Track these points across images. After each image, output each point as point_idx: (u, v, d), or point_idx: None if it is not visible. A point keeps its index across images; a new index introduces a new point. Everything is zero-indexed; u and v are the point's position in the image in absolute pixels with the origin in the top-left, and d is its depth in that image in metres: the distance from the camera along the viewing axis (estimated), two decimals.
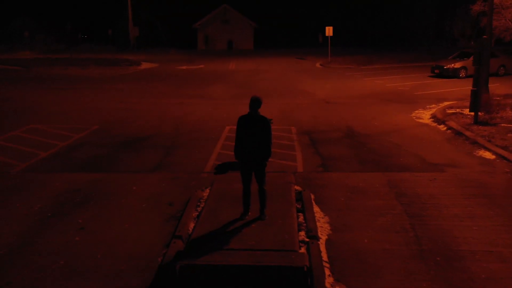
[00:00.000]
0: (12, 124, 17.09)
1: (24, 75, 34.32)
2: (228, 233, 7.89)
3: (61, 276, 7.24)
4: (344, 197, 10.01)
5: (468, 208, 9.42)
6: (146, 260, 7.66)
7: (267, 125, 8.40)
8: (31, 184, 10.85)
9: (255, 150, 8.32)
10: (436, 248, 7.99)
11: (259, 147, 8.31)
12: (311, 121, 17.78)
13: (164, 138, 15.24)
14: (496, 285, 7.00)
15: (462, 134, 14.94)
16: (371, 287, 6.95)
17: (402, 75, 31.89)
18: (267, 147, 8.36)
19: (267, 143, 8.35)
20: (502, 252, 7.89)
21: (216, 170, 11.64)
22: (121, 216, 9.26)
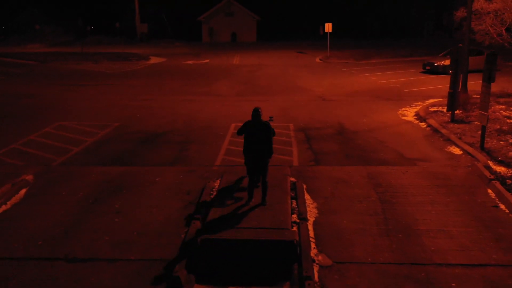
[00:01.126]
0: (42, 121, 19.27)
1: (41, 70, 36.49)
2: (236, 215, 10.08)
3: (109, 249, 9.49)
4: (331, 187, 12.19)
5: (430, 196, 11.60)
6: (172, 237, 9.88)
7: (269, 130, 10.54)
8: (72, 175, 13.06)
9: (260, 149, 10.44)
10: (399, 227, 10.19)
11: (263, 148, 10.45)
12: (307, 118, 19.90)
13: (178, 135, 17.41)
14: (440, 255, 9.20)
15: (439, 132, 17.10)
16: (345, 255, 9.17)
17: (395, 71, 33.88)
18: (269, 147, 10.51)
19: (269, 144, 10.50)
20: (451, 230, 10.09)
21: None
22: (148, 202, 11.47)
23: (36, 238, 9.94)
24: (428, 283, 8.37)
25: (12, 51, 51.63)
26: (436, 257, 9.14)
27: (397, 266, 8.87)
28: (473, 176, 12.73)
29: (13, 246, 9.62)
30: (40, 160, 14.43)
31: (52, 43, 65.17)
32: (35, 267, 8.96)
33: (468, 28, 18.14)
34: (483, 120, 14.49)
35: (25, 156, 14.80)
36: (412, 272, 8.69)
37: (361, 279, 8.49)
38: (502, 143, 15.49)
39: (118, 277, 8.58)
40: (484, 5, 22.33)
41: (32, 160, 14.46)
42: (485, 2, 22.41)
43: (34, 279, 8.60)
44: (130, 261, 9.10)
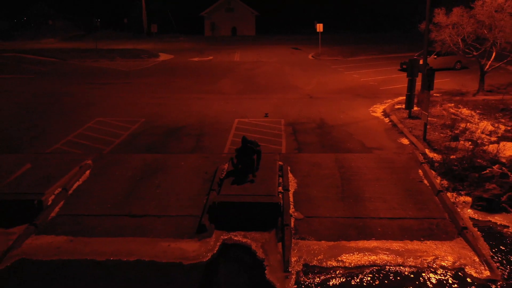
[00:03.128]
0: (83, 117, 24.02)
1: (64, 68, 41.15)
2: (240, 187, 14.89)
3: (156, 209, 14.33)
4: (307, 169, 16.99)
5: (376, 175, 16.42)
6: (197, 201, 14.72)
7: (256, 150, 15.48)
8: (119, 160, 17.86)
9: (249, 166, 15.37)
10: (351, 195, 15.03)
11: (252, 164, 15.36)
12: (296, 114, 24.65)
13: (193, 129, 22.19)
14: (375, 212, 14.03)
15: (396, 126, 21.90)
16: (312, 213, 14.02)
17: (377, 68, 38.59)
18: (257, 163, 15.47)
19: (257, 161, 15.45)
20: (386, 197, 14.94)
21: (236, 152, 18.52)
22: (178, 180, 16.29)
23: (105, 202, 14.79)
24: (364, 228, 13.25)
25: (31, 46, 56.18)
26: (372, 213, 14.00)
27: (345, 219, 13.74)
28: (411, 161, 17.56)
29: (92, 207, 14.49)
30: (92, 149, 19.20)
31: (64, 37, 69.61)
32: (109, 220, 13.83)
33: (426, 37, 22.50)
34: (424, 118, 19.29)
35: (80, 147, 19.59)
36: (354, 222, 13.57)
37: (320, 226, 13.37)
38: (442, 135, 20.30)
39: (166, 225, 13.47)
40: (443, 19, 26.93)
41: (86, 149, 19.24)
42: (444, 17, 27.00)
43: (110, 228, 13.48)
44: (171, 216, 13.97)
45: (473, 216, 14.23)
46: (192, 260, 11.99)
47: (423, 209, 14.27)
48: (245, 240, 12.91)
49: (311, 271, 11.45)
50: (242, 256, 12.30)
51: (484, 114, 23.62)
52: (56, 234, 13.19)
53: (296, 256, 11.99)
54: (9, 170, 16.41)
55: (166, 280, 11.35)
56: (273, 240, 12.85)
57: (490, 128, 21.42)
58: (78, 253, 12.32)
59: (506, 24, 25.25)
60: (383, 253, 12.14)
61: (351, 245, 12.51)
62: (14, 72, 39.20)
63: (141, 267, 11.76)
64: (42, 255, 12.29)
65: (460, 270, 11.47)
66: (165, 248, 12.48)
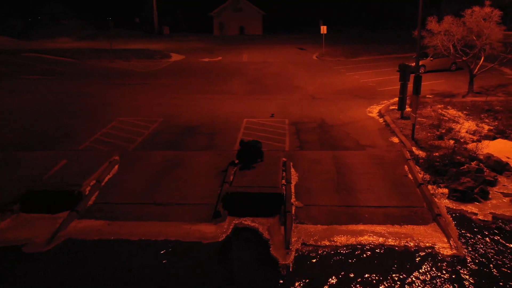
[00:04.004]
0: (106, 116, 26.54)
1: (81, 68, 43.68)
2: (249, 179, 17.39)
3: (178, 198, 16.87)
4: (307, 164, 19.44)
5: (367, 170, 18.86)
6: (213, 191, 17.22)
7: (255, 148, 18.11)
8: (143, 157, 20.39)
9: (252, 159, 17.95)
10: (345, 188, 17.48)
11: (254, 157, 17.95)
12: (299, 114, 27.07)
13: (206, 128, 24.68)
14: (364, 201, 16.48)
15: (389, 126, 24.30)
16: (310, 202, 16.49)
17: (377, 69, 40.85)
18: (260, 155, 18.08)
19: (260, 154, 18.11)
20: (374, 189, 17.38)
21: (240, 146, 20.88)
22: (195, 173, 18.79)
23: (133, 192, 17.33)
24: (353, 215, 15.71)
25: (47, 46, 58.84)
26: (361, 202, 16.46)
27: (338, 207, 16.20)
28: (398, 157, 19.98)
29: (123, 197, 17.04)
30: (118, 147, 21.73)
31: (78, 36, 72.05)
32: (139, 208, 16.38)
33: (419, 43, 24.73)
34: (413, 119, 21.70)
35: (107, 144, 22.15)
36: (346, 210, 16.03)
37: (317, 213, 15.85)
38: (429, 134, 22.69)
39: (187, 212, 16.00)
40: (435, 26, 29.21)
41: (113, 146, 21.79)
42: (436, 24, 29.28)
43: (139, 214, 16.03)
44: (191, 204, 16.50)
45: (448, 205, 16.66)
46: (210, 240, 14.52)
47: (405, 199, 16.72)
48: (253, 224, 15.42)
49: (308, 249, 13.94)
50: (250, 237, 14.81)
51: (471, 114, 25.95)
52: (95, 219, 15.77)
53: (296, 237, 14.49)
54: (48, 166, 18.98)
55: (189, 256, 13.88)
56: (277, 224, 15.35)
57: (474, 128, 23.79)
58: (115, 234, 14.88)
59: (492, 32, 27.52)
60: (368, 234, 14.62)
61: (342, 228, 14.99)
62: (35, 72, 41.77)
63: (168, 246, 14.30)
64: (85, 235, 14.87)
65: (430, 249, 13.92)
66: (187, 230, 15.02)
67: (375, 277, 12.63)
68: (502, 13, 28.15)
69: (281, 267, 13.20)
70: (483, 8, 28.27)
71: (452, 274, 12.77)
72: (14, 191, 17.13)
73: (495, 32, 27.58)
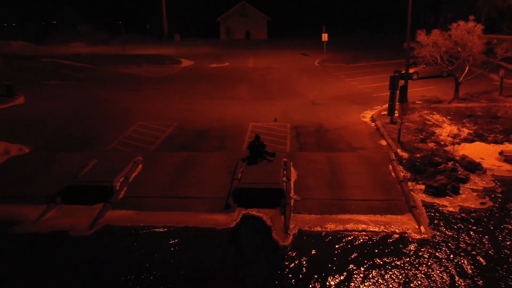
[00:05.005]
0: (127, 121, 29.64)
1: (99, 74, 46.93)
2: (255, 177, 20.45)
3: (195, 193, 19.95)
4: (305, 164, 22.46)
5: (357, 169, 21.86)
6: (224, 187, 20.28)
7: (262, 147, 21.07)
8: (162, 157, 23.48)
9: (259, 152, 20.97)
10: (336, 184, 20.50)
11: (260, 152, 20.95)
12: (300, 119, 30.08)
13: (217, 131, 27.73)
14: (352, 196, 19.49)
15: (379, 130, 27.29)
16: (307, 196, 19.53)
17: (374, 75, 43.82)
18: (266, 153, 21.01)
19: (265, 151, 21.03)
20: (362, 185, 20.38)
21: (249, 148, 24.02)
22: (208, 171, 21.85)
23: (157, 187, 20.42)
24: (342, 206, 18.74)
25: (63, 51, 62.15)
26: (350, 196, 19.48)
27: (330, 200, 19.23)
28: (384, 158, 22.99)
29: (148, 191, 20.15)
30: (140, 148, 24.85)
31: (91, 41, 75.48)
32: (162, 200, 19.47)
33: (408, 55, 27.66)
34: (398, 124, 24.71)
35: (130, 146, 25.26)
36: (336, 202, 19.06)
37: (312, 205, 18.88)
38: (414, 138, 25.66)
39: (202, 204, 19.09)
40: (424, 39, 32.19)
41: (135, 148, 24.90)
42: (424, 37, 32.25)
43: (163, 205, 19.12)
44: (206, 198, 19.58)
45: (424, 199, 19.63)
46: (223, 226, 17.60)
47: (387, 194, 19.74)
48: (258, 214, 18.47)
49: (303, 234, 16.99)
50: (256, 224, 17.87)
51: (454, 119, 28.91)
52: (126, 209, 18.89)
53: (293, 224, 17.54)
54: (81, 164, 22.11)
55: (205, 239, 16.95)
56: (278, 214, 18.39)
57: (455, 132, 26.75)
58: (144, 222, 17.97)
59: (474, 45, 30.49)
60: (354, 222, 17.65)
61: (332, 217, 18.02)
62: (55, 78, 45.04)
63: (188, 231, 17.38)
64: (119, 222, 17.98)
65: (404, 233, 16.93)
66: (204, 218, 18.11)
67: (357, 256, 15.65)
68: (483, 27, 31.09)
69: (281, 248, 16.23)
70: (467, 23, 31.23)
71: (420, 253, 15.78)
72: (55, 186, 20.28)
73: (477, 45, 30.53)
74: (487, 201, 19.36)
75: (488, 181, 21.33)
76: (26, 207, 19.08)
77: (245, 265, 15.59)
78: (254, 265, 15.53)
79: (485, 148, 25.07)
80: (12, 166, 22.74)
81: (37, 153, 24.17)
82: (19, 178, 21.49)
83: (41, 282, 14.64)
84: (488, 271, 14.73)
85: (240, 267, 15.52)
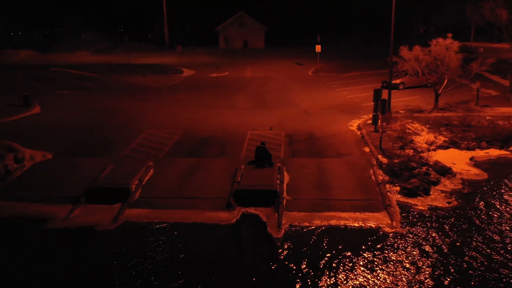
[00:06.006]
0: (136, 129, 32.67)
1: (105, 84, 50.01)
2: (253, 180, 23.51)
3: (200, 193, 23.04)
4: (297, 168, 25.51)
5: (342, 173, 24.94)
6: (226, 188, 23.34)
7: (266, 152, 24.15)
8: (171, 163, 26.51)
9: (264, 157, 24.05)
10: (323, 186, 23.60)
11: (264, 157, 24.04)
12: (293, 127, 33.17)
13: (219, 138, 30.79)
14: (337, 196, 22.59)
15: (364, 138, 30.40)
16: (297, 196, 22.61)
17: (364, 85, 46.84)
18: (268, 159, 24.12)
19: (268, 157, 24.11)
20: (346, 187, 23.47)
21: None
22: (212, 175, 24.91)
23: (167, 189, 23.48)
24: (328, 205, 21.82)
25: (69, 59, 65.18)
26: (335, 197, 22.55)
27: (317, 200, 22.30)
28: (367, 163, 26.09)
29: (160, 193, 23.20)
30: (150, 155, 27.90)
31: (95, 50, 78.52)
32: (171, 200, 22.54)
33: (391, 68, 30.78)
34: (380, 133, 27.83)
35: (141, 153, 28.32)
36: (323, 202, 22.13)
37: (302, 204, 21.95)
38: (394, 145, 28.76)
39: (207, 203, 22.16)
40: (406, 53, 35.38)
41: (146, 154, 27.95)
42: (407, 52, 35.44)
43: (173, 204, 22.18)
44: (210, 198, 22.65)
45: (399, 199, 22.71)
46: (225, 222, 20.67)
47: (367, 194, 22.83)
48: (256, 211, 21.54)
49: (293, 228, 20.06)
50: (253, 220, 20.95)
51: (432, 128, 32.06)
52: (142, 208, 21.93)
53: (285, 220, 20.61)
54: (99, 169, 25.14)
55: (210, 233, 20.01)
56: (272, 212, 21.45)
57: (432, 139, 29.89)
58: (158, 218, 21.02)
59: (451, 60, 33.70)
60: (336, 219, 20.73)
61: (318, 214, 21.09)
62: (66, 87, 48.11)
63: (196, 226, 20.44)
64: (137, 219, 21.03)
65: (379, 228, 20.02)
66: (208, 216, 21.18)
67: (339, 246, 18.71)
68: (460, 44, 34.32)
69: (274, 240, 19.30)
70: (445, 40, 34.44)
71: (391, 243, 18.86)
72: (78, 188, 23.33)
73: (453, 60, 33.74)
74: (453, 201, 22.48)
75: (457, 183, 24.43)
76: (54, 206, 22.12)
77: (244, 254, 18.67)
78: (251, 254, 18.61)
79: (458, 154, 28.21)
80: (38, 170, 25.79)
81: (59, 159, 27.22)
82: (45, 181, 24.52)
83: (74, 266, 17.67)
84: (449, 257, 17.82)
85: (240, 255, 18.60)
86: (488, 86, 44.63)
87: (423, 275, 16.73)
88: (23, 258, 18.30)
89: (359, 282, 16.36)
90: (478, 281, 16.36)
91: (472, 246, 18.55)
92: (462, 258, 17.76)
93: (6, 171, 25.14)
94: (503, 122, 32.89)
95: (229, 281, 16.78)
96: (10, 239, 19.82)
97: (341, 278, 16.61)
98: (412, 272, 16.88)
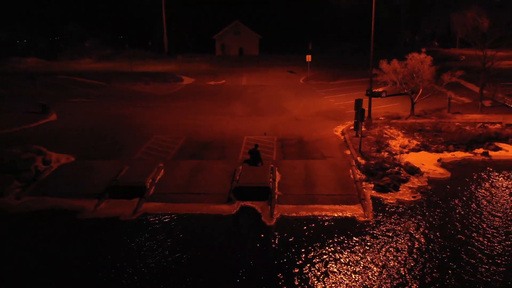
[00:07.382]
0: (144, 134, 36.77)
1: (110, 91, 54.08)
2: (249, 178, 27.67)
3: (205, 189, 27.22)
4: (288, 169, 29.68)
5: (326, 173, 29.10)
6: (226, 186, 27.49)
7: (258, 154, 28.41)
8: (178, 165, 30.63)
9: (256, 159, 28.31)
10: (309, 184, 27.79)
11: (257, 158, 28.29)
12: (285, 132, 37.36)
13: (219, 143, 34.95)
14: (320, 191, 26.83)
15: (346, 142, 34.66)
16: (287, 192, 26.81)
17: (350, 93, 51.23)
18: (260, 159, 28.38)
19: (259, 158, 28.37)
20: (328, 184, 27.71)
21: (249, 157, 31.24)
22: (214, 175, 29.05)
23: (177, 186, 27.60)
24: (312, 199, 26.03)
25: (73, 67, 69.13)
26: (318, 192, 26.75)
27: (304, 195, 26.50)
28: (347, 164, 30.32)
29: (170, 189, 27.34)
30: (160, 157, 32.00)
31: (98, 57, 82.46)
32: (180, 195, 26.68)
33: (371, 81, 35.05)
34: (359, 138, 32.09)
35: (151, 156, 32.42)
36: (308, 196, 26.34)
37: (291, 198, 26.14)
38: (372, 148, 33.00)
39: (211, 198, 26.32)
40: (386, 66, 39.70)
41: (156, 157, 32.06)
42: (387, 65, 39.75)
43: (182, 199, 26.35)
44: (213, 194, 26.80)
45: (372, 194, 26.93)
46: (227, 213, 24.84)
47: (345, 190, 27.06)
48: (252, 205, 25.72)
49: (283, 218, 24.25)
50: (250, 212, 25.12)
51: (407, 133, 36.35)
52: (157, 202, 26.07)
53: (277, 211, 24.79)
54: (117, 170, 29.25)
55: (215, 222, 24.17)
56: (266, 205, 25.61)
57: (406, 143, 34.19)
58: (170, 210, 25.16)
59: (425, 73, 38.07)
60: (319, 210, 24.93)
61: (304, 207, 25.29)
62: (76, 95, 52.12)
63: (202, 217, 24.60)
64: (153, 211, 25.16)
65: (353, 217, 24.25)
66: (213, 208, 25.35)
67: (321, 232, 22.91)
68: (432, 58, 38.71)
69: (268, 227, 23.51)
70: (420, 54, 38.80)
71: (363, 229, 23.10)
72: (101, 186, 27.42)
73: (426, 73, 38.11)
74: (418, 195, 26.75)
75: (423, 181, 28.69)
76: (82, 200, 26.22)
77: (243, 239, 22.86)
78: (249, 238, 22.80)
79: (428, 156, 32.50)
80: (64, 171, 29.87)
81: (81, 161, 31.31)
82: (72, 180, 28.58)
83: (105, 248, 21.79)
84: (412, 240, 22.09)
85: (239, 240, 22.79)
86: (462, 94, 49.07)
87: (389, 254, 20.96)
88: (63, 241, 22.41)
89: (336, 259, 20.57)
90: (435, 257, 20.63)
91: (430, 231, 22.83)
92: (422, 240, 22.03)
93: (36, 172, 29.20)
94: (470, 127, 37.22)
95: (231, 259, 20.93)
96: (49, 227, 23.91)
97: (323, 257, 20.81)
98: (382, 252, 21.11)
